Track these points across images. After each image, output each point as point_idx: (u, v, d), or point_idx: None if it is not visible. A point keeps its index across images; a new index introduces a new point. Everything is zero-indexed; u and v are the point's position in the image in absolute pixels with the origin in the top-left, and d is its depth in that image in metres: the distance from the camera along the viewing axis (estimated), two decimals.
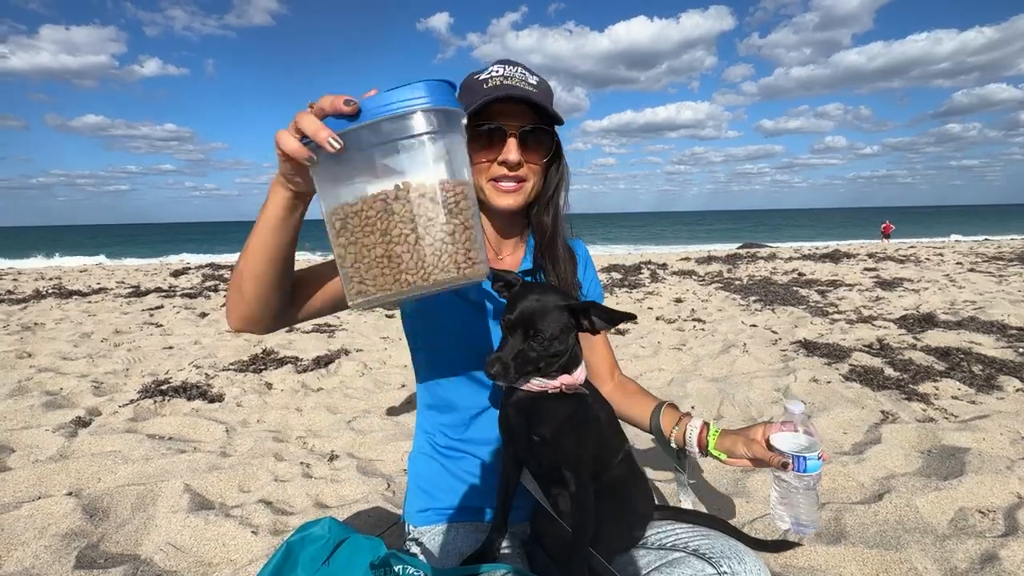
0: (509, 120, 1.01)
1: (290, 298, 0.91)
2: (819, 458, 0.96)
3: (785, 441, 1.00)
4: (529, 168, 1.05)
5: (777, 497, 1.02)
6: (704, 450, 1.07)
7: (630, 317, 0.88)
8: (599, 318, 0.86)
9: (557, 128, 1.06)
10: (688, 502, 1.18)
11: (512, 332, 0.84)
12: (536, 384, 0.90)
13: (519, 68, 1.04)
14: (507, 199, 1.06)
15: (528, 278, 1.13)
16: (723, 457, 1.04)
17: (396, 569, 0.87)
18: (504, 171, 1.03)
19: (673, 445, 1.12)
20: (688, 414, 1.13)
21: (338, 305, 0.98)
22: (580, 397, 0.94)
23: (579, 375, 0.93)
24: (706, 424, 1.08)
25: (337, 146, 0.64)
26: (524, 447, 0.96)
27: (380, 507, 1.96)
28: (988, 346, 3.77)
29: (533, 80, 1.03)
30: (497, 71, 1.02)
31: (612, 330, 4.86)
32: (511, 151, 1.01)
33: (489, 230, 1.15)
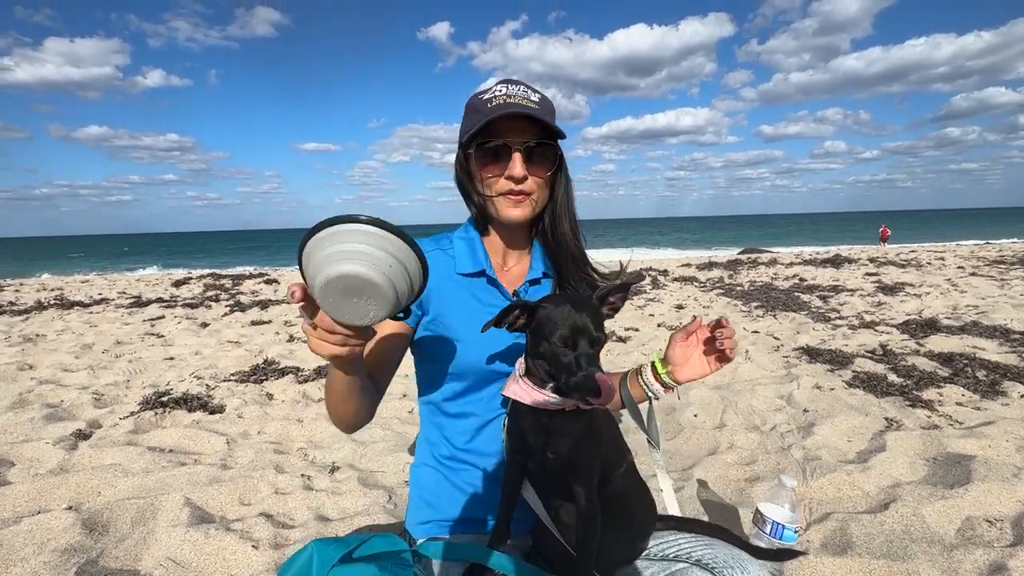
0: (513, 136, 1.05)
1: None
2: (795, 532, 1.28)
3: (772, 511, 1.31)
4: (534, 181, 1.08)
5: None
6: (660, 382, 1.12)
7: (638, 278, 0.96)
8: (617, 298, 0.94)
9: (560, 142, 1.09)
10: (666, 483, 1.16)
11: (574, 347, 0.83)
12: (554, 402, 0.89)
13: (521, 87, 1.07)
14: (515, 211, 1.09)
15: (535, 287, 1.14)
16: (667, 378, 1.10)
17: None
18: (511, 185, 1.06)
19: (649, 393, 1.14)
20: (644, 365, 1.17)
21: (400, 355, 1.12)
22: (591, 411, 0.94)
23: None
24: (652, 362, 1.14)
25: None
26: (537, 462, 0.95)
27: (381, 519, 1.94)
28: (991, 351, 3.75)
29: (535, 98, 1.06)
30: (500, 90, 1.06)
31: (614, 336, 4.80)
32: (516, 166, 1.05)
33: (497, 241, 1.17)
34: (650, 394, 1.13)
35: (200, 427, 2.81)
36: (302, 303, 0.73)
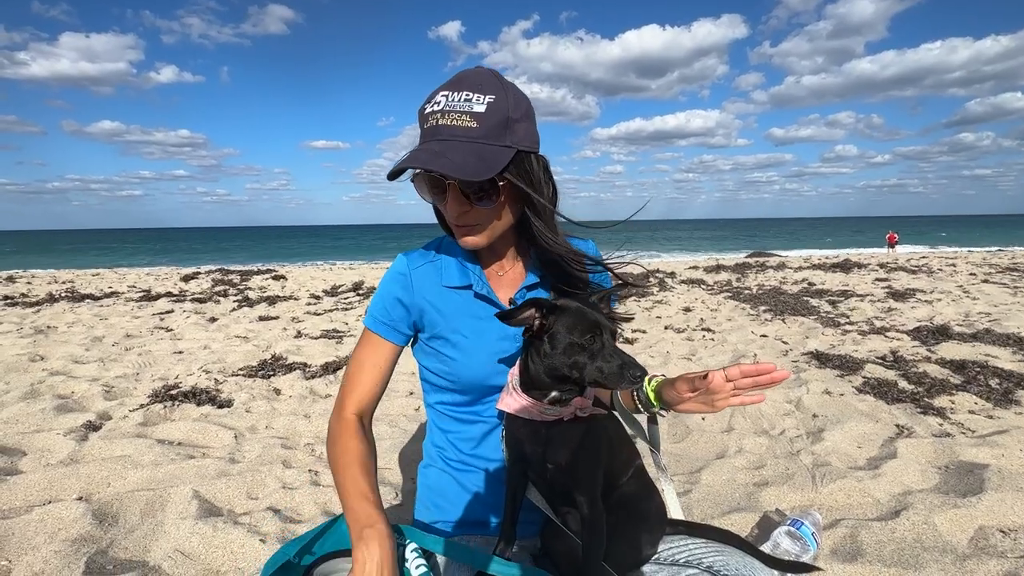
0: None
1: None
2: (812, 531, 1.48)
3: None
4: (480, 213, 0.96)
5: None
6: (647, 400, 1.06)
7: (632, 284, 1.00)
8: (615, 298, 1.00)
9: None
10: (670, 491, 1.16)
11: (599, 340, 0.84)
12: (552, 412, 0.89)
13: (464, 93, 0.89)
14: (468, 241, 1.00)
15: (532, 293, 1.09)
16: (651, 396, 1.04)
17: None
18: (454, 218, 0.97)
19: (642, 410, 1.11)
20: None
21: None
22: (590, 420, 0.93)
23: (590, 394, 0.92)
24: (652, 376, 1.08)
25: None
26: (537, 471, 0.95)
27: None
28: (1004, 359, 3.70)
29: (480, 107, 0.88)
30: (438, 103, 0.90)
31: (620, 338, 4.77)
32: (449, 205, 0.94)
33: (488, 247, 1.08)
34: (639, 404, 1.10)
35: (208, 421, 2.83)
36: None
